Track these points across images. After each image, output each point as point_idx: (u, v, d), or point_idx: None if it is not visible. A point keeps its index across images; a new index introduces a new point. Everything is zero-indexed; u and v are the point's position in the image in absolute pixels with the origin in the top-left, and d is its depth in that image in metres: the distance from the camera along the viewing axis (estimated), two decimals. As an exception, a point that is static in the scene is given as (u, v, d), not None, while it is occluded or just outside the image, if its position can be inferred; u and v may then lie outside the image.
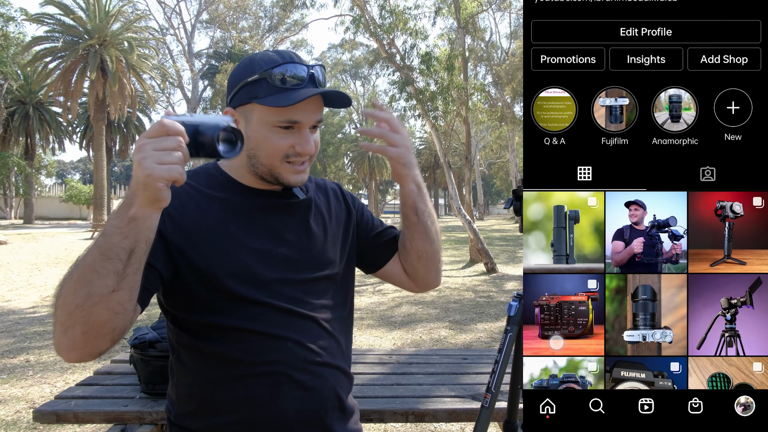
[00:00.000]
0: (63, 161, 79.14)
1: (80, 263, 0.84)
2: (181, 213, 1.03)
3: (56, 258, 12.64)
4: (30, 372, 4.24)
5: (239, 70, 1.06)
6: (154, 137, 0.80)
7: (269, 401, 1.04)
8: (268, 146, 1.04)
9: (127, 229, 0.82)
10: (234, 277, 1.02)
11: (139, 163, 0.79)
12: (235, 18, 31.53)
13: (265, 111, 1.02)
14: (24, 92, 30.09)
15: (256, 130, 1.04)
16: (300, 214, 1.15)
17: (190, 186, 1.07)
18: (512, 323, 1.42)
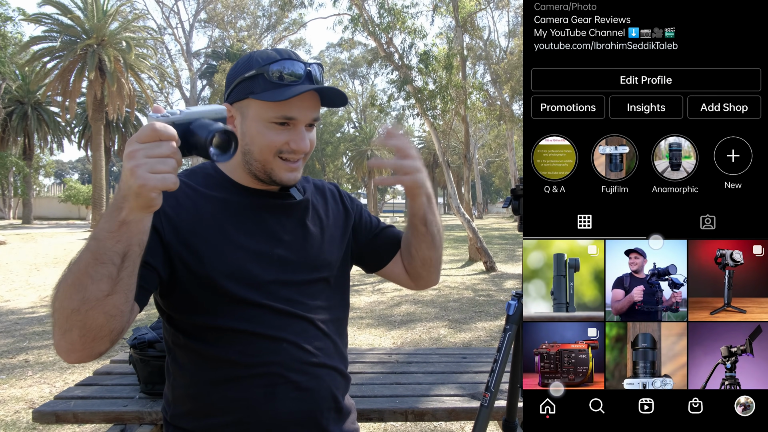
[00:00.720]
0: (61, 161, 79.01)
1: (74, 267, 0.83)
2: (177, 213, 1.03)
3: (55, 258, 12.63)
4: (29, 372, 4.24)
5: (237, 66, 1.07)
6: (146, 143, 0.77)
7: (265, 402, 1.04)
8: (263, 142, 1.03)
9: (119, 233, 0.81)
10: (230, 278, 1.02)
11: (132, 171, 0.76)
12: (233, 17, 31.49)
13: (261, 106, 1.02)
14: (22, 92, 30.03)
15: (252, 126, 1.04)
16: (297, 215, 1.14)
17: (186, 185, 1.07)
18: (511, 322, 1.42)
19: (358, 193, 55.32)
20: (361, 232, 1.28)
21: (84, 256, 0.83)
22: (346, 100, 1.08)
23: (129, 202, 0.79)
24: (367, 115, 49.18)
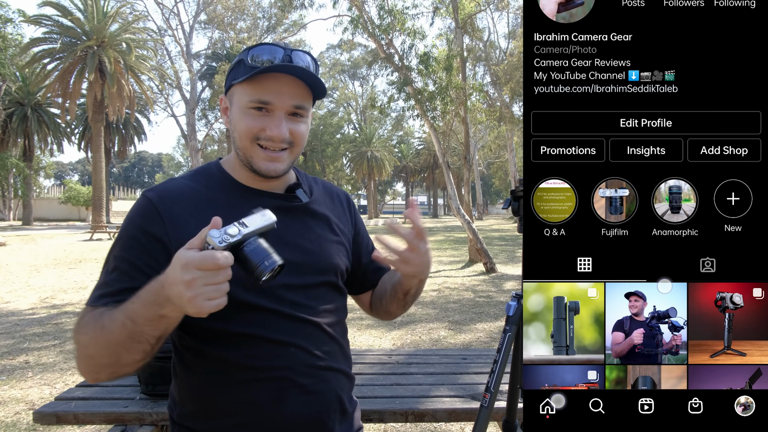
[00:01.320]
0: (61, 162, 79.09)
1: (108, 336, 0.89)
2: (183, 221, 1.02)
3: (55, 259, 12.63)
4: (29, 373, 4.24)
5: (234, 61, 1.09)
6: (207, 271, 0.80)
7: (273, 406, 1.03)
8: (241, 127, 1.03)
9: (159, 323, 0.86)
10: (236, 284, 0.99)
11: (192, 299, 0.79)
12: (233, 19, 31.48)
13: (240, 92, 1.03)
14: (22, 93, 30.06)
15: (235, 112, 1.05)
16: (303, 218, 1.13)
17: (191, 189, 1.07)
18: (511, 323, 1.42)
19: (358, 194, 55.31)
20: (354, 250, 1.26)
21: (119, 332, 0.88)
22: (323, 87, 1.07)
23: (176, 308, 0.83)
24: (367, 117, 49.20)
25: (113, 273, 1.00)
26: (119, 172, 77.94)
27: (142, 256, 0.99)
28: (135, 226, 1.02)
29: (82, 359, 0.94)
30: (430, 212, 60.30)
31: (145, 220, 1.01)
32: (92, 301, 0.98)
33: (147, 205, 1.03)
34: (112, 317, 0.89)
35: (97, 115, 24.91)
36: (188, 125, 26.51)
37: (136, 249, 1.00)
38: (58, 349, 4.94)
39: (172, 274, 0.81)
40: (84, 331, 0.93)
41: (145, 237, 1.00)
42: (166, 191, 1.05)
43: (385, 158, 46.34)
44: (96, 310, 0.95)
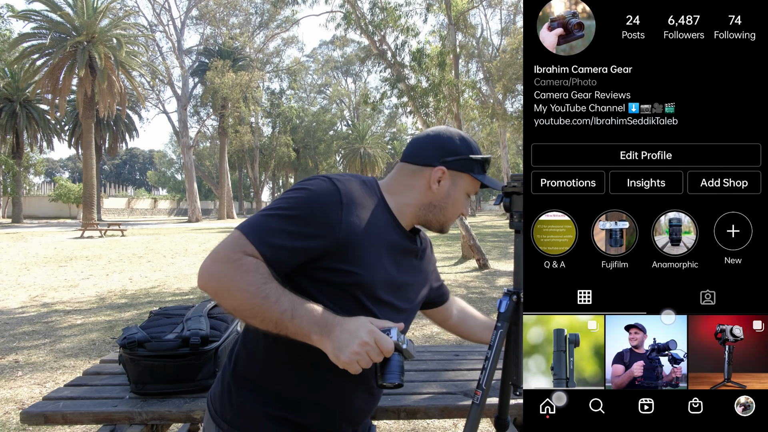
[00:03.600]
0: (52, 159, 78.37)
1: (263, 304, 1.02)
2: (356, 220, 1.16)
3: (45, 257, 12.53)
4: (19, 372, 4.20)
5: (457, 142, 1.31)
6: (378, 346, 1.02)
7: (351, 395, 1.25)
8: (458, 207, 1.33)
9: (303, 338, 1.04)
10: (370, 289, 1.19)
11: (354, 354, 1.00)
12: (225, 14, 31.30)
13: (470, 182, 1.32)
14: (11, 90, 29.74)
15: (457, 193, 1.31)
16: (417, 258, 1.37)
17: (365, 198, 1.22)
18: (502, 320, 1.41)
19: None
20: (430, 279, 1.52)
21: (274, 312, 1.02)
22: None
23: (327, 346, 1.03)
24: (359, 113, 49.13)
25: (284, 228, 1.09)
26: (110, 169, 77.41)
27: (315, 231, 1.10)
28: (319, 203, 1.12)
29: (221, 285, 1.03)
30: (423, 209, 60.13)
31: (330, 203, 1.13)
32: (258, 241, 1.07)
33: (335, 192, 1.15)
34: (278, 297, 1.03)
35: (88, 111, 24.72)
36: (180, 122, 26.36)
37: (310, 222, 1.10)
38: (48, 348, 4.90)
39: (354, 328, 1.02)
40: (246, 278, 1.02)
41: (324, 218, 1.11)
42: (351, 187, 1.19)
43: (377, 155, 46.31)
44: (260, 264, 1.05)
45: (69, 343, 5.09)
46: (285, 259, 1.09)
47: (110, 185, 55.23)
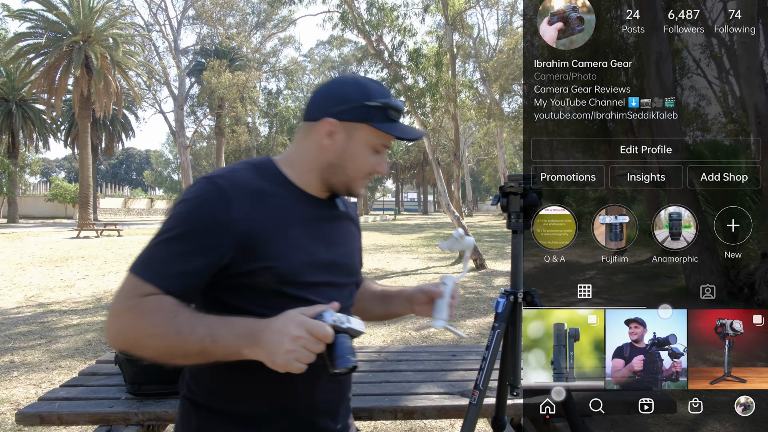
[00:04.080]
0: (48, 159, 78.06)
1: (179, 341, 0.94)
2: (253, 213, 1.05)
3: (41, 257, 12.48)
4: (14, 373, 4.19)
5: (347, 88, 1.14)
6: (312, 336, 0.91)
7: (305, 389, 1.12)
8: (361, 163, 1.15)
9: (232, 355, 0.95)
10: (291, 278, 1.08)
11: (288, 352, 0.90)
12: (221, 14, 31.23)
13: (371, 133, 1.13)
14: (7, 89, 29.61)
15: (356, 147, 1.14)
16: (341, 224, 1.24)
17: (258, 185, 1.10)
18: (500, 320, 1.41)
19: (348, 191, 55.08)
20: None
21: (192, 343, 0.93)
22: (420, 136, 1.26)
23: (259, 352, 0.92)
24: (356, 113, 48.98)
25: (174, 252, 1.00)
26: (107, 169, 77.15)
27: (206, 241, 1.01)
28: (204, 211, 1.03)
29: (127, 340, 0.97)
30: (420, 209, 60.35)
31: (216, 206, 1.03)
32: (151, 277, 0.98)
33: (218, 192, 1.04)
34: (192, 327, 0.94)
35: (84, 111, 24.62)
36: (177, 122, 26.27)
37: (201, 233, 1.01)
38: (44, 348, 4.88)
39: (281, 325, 0.92)
40: (149, 321, 0.94)
41: (214, 223, 1.01)
42: (237, 181, 1.08)
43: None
44: (161, 300, 0.96)
45: (65, 343, 5.07)
46: (188, 283, 1.01)
47: (106, 185, 55.04)
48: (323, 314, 0.95)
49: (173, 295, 0.98)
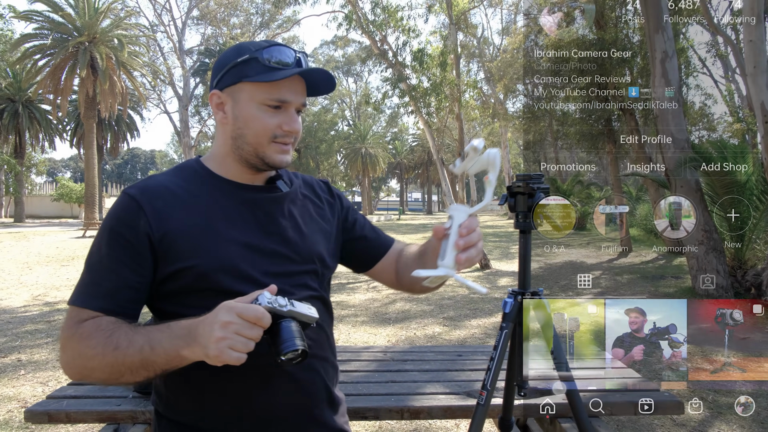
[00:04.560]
0: (54, 159, 78.43)
1: (118, 356, 0.91)
2: (167, 215, 1.03)
3: (47, 257, 12.54)
4: (22, 371, 4.21)
5: (226, 54, 1.08)
6: (245, 321, 0.84)
7: (259, 393, 1.04)
8: (257, 125, 1.05)
9: (174, 360, 0.90)
10: (221, 272, 1.02)
11: (218, 341, 0.83)
12: (226, 15, 31.31)
13: (254, 89, 1.04)
14: (13, 90, 29.76)
15: (245, 109, 1.06)
16: (285, 208, 1.15)
17: (175, 185, 1.08)
18: (507, 320, 1.41)
19: (352, 191, 55.25)
20: (345, 230, 1.29)
21: (132, 355, 0.90)
22: (334, 83, 1.11)
23: (196, 349, 0.87)
24: (361, 113, 49.10)
25: (101, 272, 1.01)
26: (112, 169, 77.46)
27: (129, 252, 1.00)
28: (120, 224, 1.02)
29: (76, 367, 0.96)
30: (425, 209, 60.31)
31: (129, 216, 1.02)
32: (84, 302, 0.99)
33: (129, 201, 1.03)
34: (129, 339, 0.91)
35: (89, 111, 24.71)
36: (181, 122, 26.37)
37: (122, 246, 1.00)
38: (51, 347, 4.91)
39: (212, 316, 0.86)
40: (88, 343, 0.93)
41: (131, 233, 1.00)
42: (148, 187, 1.06)
43: (379, 155, 46.27)
44: (99, 320, 0.96)
45: (71, 342, 5.10)
46: (123, 297, 0.99)
47: (112, 185, 55.23)
48: (258, 298, 0.89)
49: (113, 314, 0.98)
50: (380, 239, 1.32)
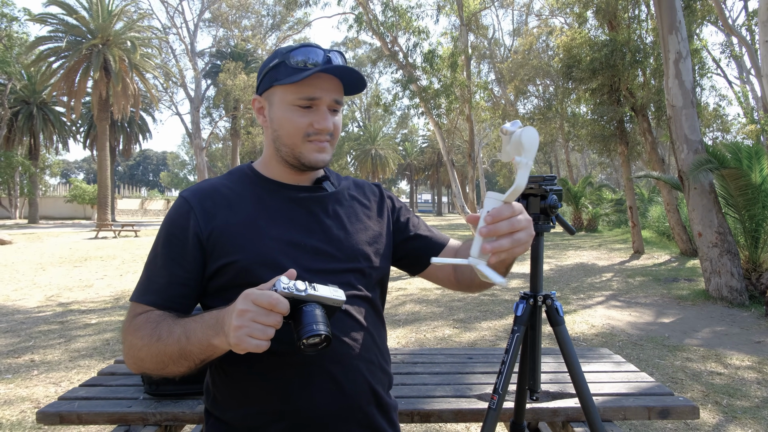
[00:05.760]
0: (67, 161, 79.35)
1: (161, 346, 0.96)
2: (214, 214, 1.09)
3: (61, 258, 12.67)
4: (35, 372, 4.25)
5: (265, 61, 1.14)
6: (260, 307, 0.84)
7: (300, 392, 1.04)
8: (290, 125, 1.09)
9: (206, 349, 0.92)
10: (263, 267, 1.05)
11: (236, 329, 0.84)
12: (237, 17, 31.49)
13: (285, 91, 1.08)
14: (28, 92, 30.17)
15: (278, 111, 1.10)
16: (330, 207, 1.17)
17: (225, 186, 1.15)
18: (519, 323, 1.40)
19: (363, 193, 55.18)
20: (398, 230, 1.28)
21: (172, 345, 0.95)
22: (364, 82, 1.12)
23: (222, 338, 0.88)
24: (371, 115, 49.17)
25: (155, 270, 1.08)
26: (124, 170, 78.20)
27: (179, 251, 1.07)
28: (173, 224, 1.09)
29: (132, 358, 1.01)
30: (434, 210, 60.23)
31: (181, 217, 1.09)
32: (140, 297, 1.06)
33: (183, 204, 1.11)
34: (170, 330, 0.96)
35: (102, 113, 24.98)
36: (193, 123, 26.55)
37: (174, 245, 1.07)
38: (64, 348, 4.95)
39: (233, 305, 0.87)
40: (138, 334, 0.99)
41: (182, 233, 1.07)
42: (199, 189, 1.14)
43: (389, 156, 46.31)
44: (150, 314, 1.02)
45: (84, 342, 5.14)
46: (174, 293, 1.05)
47: (124, 186, 55.78)
48: (275, 284, 0.87)
49: (163, 308, 1.04)
50: (435, 237, 1.29)
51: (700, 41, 12.90)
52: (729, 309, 6.57)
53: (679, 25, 7.35)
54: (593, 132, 13.71)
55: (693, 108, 7.14)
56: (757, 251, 7.06)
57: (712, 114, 18.35)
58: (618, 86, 12.24)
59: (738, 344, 5.04)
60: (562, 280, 9.21)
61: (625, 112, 12.63)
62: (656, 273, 9.92)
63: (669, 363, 4.42)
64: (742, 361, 4.48)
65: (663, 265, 10.98)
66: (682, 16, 7.47)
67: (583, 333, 5.56)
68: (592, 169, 41.04)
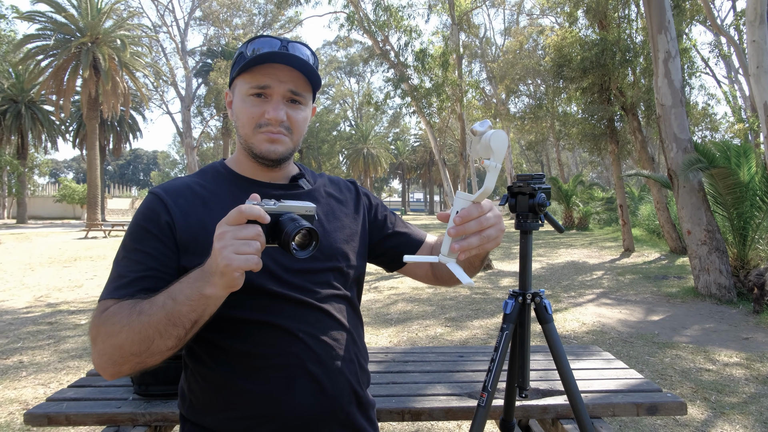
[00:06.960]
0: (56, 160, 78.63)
1: (143, 318, 0.88)
2: (188, 211, 1.06)
3: (50, 258, 12.56)
4: (23, 373, 4.21)
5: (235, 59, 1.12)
6: (234, 224, 0.81)
7: (284, 395, 1.02)
8: (243, 115, 1.08)
9: (198, 303, 0.86)
10: None
11: (219, 251, 0.80)
12: (228, 15, 31.34)
13: (242, 82, 1.08)
14: (16, 91, 29.86)
15: (237, 102, 1.10)
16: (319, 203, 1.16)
17: (198, 185, 1.11)
18: (508, 321, 1.40)
19: (355, 192, 55.18)
20: (375, 228, 1.26)
21: (157, 313, 0.87)
22: (316, 73, 1.09)
23: (214, 279, 0.83)
24: (363, 114, 49.13)
25: (126, 264, 1.01)
26: (114, 169, 77.62)
27: (153, 243, 1.02)
28: (144, 219, 1.05)
29: (106, 352, 0.91)
30: (426, 209, 60.31)
31: (153, 212, 1.05)
32: (110, 294, 0.99)
33: (154, 199, 1.07)
34: (151, 301, 0.89)
35: (92, 112, 24.78)
36: (184, 122, 26.39)
37: (146, 238, 1.02)
38: (53, 348, 4.91)
39: None
40: (113, 320, 0.91)
41: (155, 226, 1.03)
42: (171, 186, 1.10)
43: (381, 155, 46.30)
44: (123, 302, 0.95)
45: (73, 343, 5.10)
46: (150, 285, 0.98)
47: (114, 186, 55.38)
48: None
49: None
50: (413, 234, 1.28)
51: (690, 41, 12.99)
52: (718, 306, 6.64)
53: (669, 24, 7.40)
54: (584, 131, 13.80)
55: (682, 107, 7.19)
56: (745, 249, 7.13)
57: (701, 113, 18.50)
58: (608, 85, 12.34)
59: (726, 341, 5.09)
60: (553, 279, 9.25)
61: (616, 111, 12.72)
62: (646, 271, 9.99)
63: (658, 360, 4.46)
64: (731, 357, 4.53)
65: (653, 263, 11.06)
66: (671, 16, 7.52)
67: (574, 331, 5.59)
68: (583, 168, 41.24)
